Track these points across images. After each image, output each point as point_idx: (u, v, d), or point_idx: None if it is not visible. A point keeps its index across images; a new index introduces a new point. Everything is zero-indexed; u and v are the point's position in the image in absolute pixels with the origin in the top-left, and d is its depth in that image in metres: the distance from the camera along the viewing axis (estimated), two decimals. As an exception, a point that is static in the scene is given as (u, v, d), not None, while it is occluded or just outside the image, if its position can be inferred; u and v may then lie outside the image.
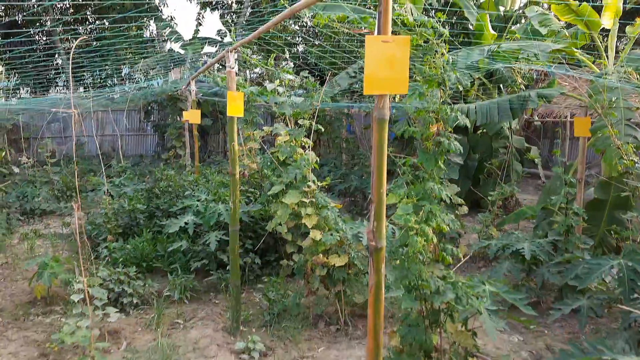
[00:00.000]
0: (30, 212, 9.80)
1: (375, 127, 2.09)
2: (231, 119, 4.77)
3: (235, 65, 4.65)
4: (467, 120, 3.30)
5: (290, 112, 5.86)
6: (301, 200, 4.84)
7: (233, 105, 4.66)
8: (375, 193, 2.15)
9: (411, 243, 2.98)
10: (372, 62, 2.01)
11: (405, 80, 2.05)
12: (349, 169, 11.61)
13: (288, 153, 5.23)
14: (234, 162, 4.78)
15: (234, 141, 4.76)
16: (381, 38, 2.01)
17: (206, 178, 8.36)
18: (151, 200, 7.80)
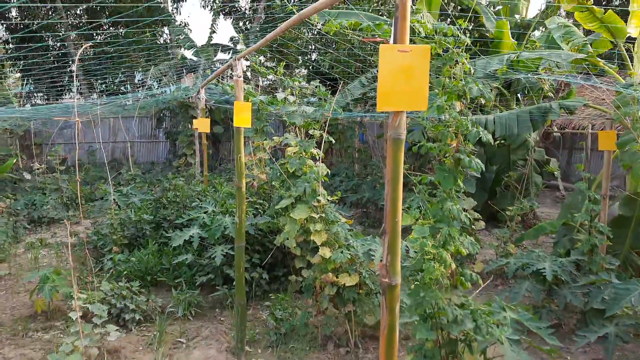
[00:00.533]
0: (38, 220, 9.68)
1: (390, 148, 1.86)
2: (238, 129, 4.56)
3: (242, 74, 4.45)
4: (489, 137, 3.05)
5: (300, 122, 5.64)
6: (310, 215, 4.61)
7: (240, 115, 4.46)
8: (390, 223, 1.91)
9: (427, 269, 2.74)
10: (387, 75, 1.78)
11: (424, 96, 1.81)
12: (361, 179, 11.37)
13: (297, 165, 5.01)
14: (240, 174, 4.56)
15: (240, 153, 4.55)
16: (397, 47, 1.77)
17: (214, 188, 8.16)
18: (158, 210, 7.61)
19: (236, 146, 4.58)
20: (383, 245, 1.96)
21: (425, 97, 1.81)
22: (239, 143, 4.56)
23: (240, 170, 4.55)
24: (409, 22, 1.77)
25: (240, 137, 4.57)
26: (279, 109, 6.49)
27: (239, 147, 4.55)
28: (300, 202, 4.78)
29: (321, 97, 6.41)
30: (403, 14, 1.76)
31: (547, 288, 5.18)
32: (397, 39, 1.79)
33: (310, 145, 5.06)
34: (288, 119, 5.76)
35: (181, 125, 14.99)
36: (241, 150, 4.56)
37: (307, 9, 2.51)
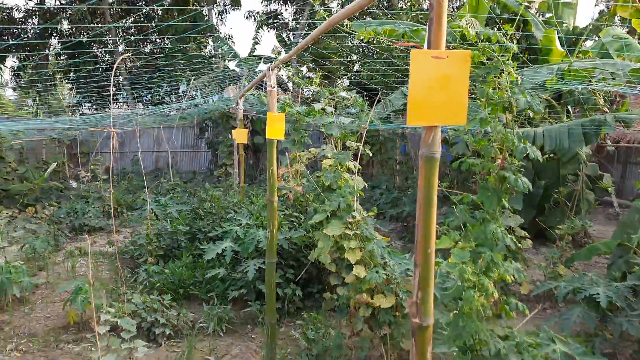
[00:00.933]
0: (79, 228, 9.81)
1: (422, 168, 1.62)
2: (270, 141, 4.40)
3: (275, 84, 4.29)
4: (538, 153, 2.77)
5: (337, 134, 5.44)
6: (344, 232, 4.39)
7: (273, 126, 4.30)
8: (421, 254, 1.67)
9: (467, 298, 2.48)
10: (419, 84, 1.55)
11: (463, 109, 1.58)
12: (402, 192, 11.07)
13: (332, 179, 4.81)
14: (272, 187, 4.40)
15: (272, 165, 4.39)
16: (432, 53, 1.54)
17: (250, 200, 8.05)
18: (194, 221, 7.55)
19: (268, 158, 4.42)
20: (414, 279, 1.72)
21: (464, 110, 1.58)
22: (271, 155, 4.40)
23: (272, 183, 4.39)
24: (445, 23, 1.53)
25: (273, 149, 4.41)
26: (315, 120, 6.33)
27: (271, 160, 4.39)
28: (334, 218, 4.57)
29: (361, 109, 6.22)
30: (439, 15, 1.53)
31: (601, 315, 4.78)
32: (431, 43, 1.55)
33: (346, 158, 4.85)
34: (325, 130, 5.58)
35: (222, 136, 15.06)
36: (273, 162, 4.40)
37: (337, 15, 2.33)
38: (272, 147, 4.41)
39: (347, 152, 4.85)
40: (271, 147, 4.42)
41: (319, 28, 2.67)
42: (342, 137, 5.12)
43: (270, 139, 4.38)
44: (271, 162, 4.40)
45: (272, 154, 4.41)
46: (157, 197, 11.77)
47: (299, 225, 6.52)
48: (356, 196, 4.61)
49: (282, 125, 4.36)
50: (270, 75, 4.29)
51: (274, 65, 4.26)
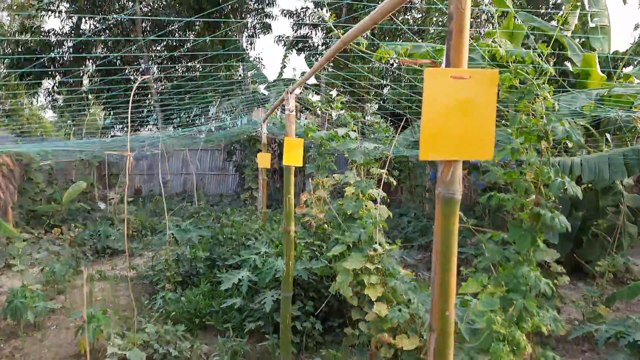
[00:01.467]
0: (102, 251, 9.74)
1: (439, 211, 1.35)
2: (287, 168, 4.18)
3: (294, 108, 4.09)
4: (577, 190, 2.47)
5: (361, 160, 5.20)
6: (365, 266, 4.11)
7: (291, 153, 4.08)
8: (437, 317, 1.39)
9: (495, 351, 2.17)
10: (434, 109, 1.28)
11: (489, 141, 1.30)
12: (430, 219, 10.70)
13: (353, 208, 4.55)
14: (289, 216, 4.16)
15: (289, 193, 4.16)
16: (450, 72, 1.29)
17: (272, 226, 7.82)
18: (214, 247, 7.35)
19: (285, 186, 4.20)
20: (428, 347, 1.44)
21: (490, 142, 1.30)
22: (288, 182, 4.18)
23: (288, 212, 4.16)
24: (467, 37, 1.27)
25: (290, 176, 4.19)
26: (339, 146, 6.12)
27: (288, 187, 4.17)
28: (354, 250, 4.30)
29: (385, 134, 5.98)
30: (459, 27, 1.26)
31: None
32: (450, 60, 1.30)
33: (368, 186, 4.59)
34: (349, 156, 5.35)
35: (248, 159, 14.99)
36: (290, 190, 4.17)
37: (350, 32, 2.11)
38: (289, 174, 4.19)
39: (369, 180, 4.59)
40: (288, 174, 4.20)
41: (333, 47, 2.46)
42: (365, 164, 4.87)
43: (287, 166, 4.17)
44: (288, 189, 4.17)
45: (289, 181, 4.19)
46: (180, 221, 11.68)
47: (321, 255, 6.26)
48: (379, 227, 4.34)
49: (301, 151, 4.15)
50: (289, 98, 4.10)
51: (292, 88, 4.07)
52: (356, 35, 2.07)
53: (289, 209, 4.12)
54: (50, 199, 11.88)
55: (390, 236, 9.70)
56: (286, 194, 4.15)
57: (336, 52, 2.47)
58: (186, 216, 12.37)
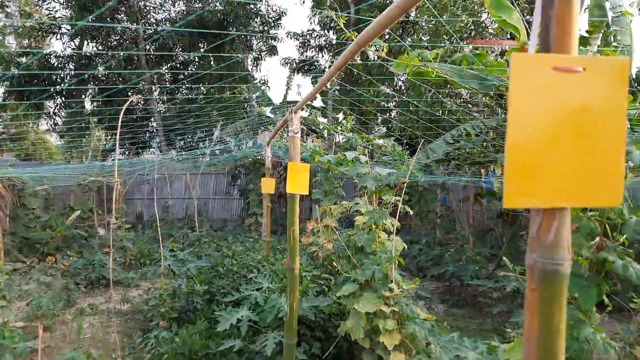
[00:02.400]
0: (97, 281, 9.22)
1: (535, 292, 0.83)
2: (292, 197, 3.69)
3: (298, 129, 3.62)
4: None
5: (372, 187, 4.70)
6: (380, 309, 3.59)
7: (295, 179, 3.59)
8: None
9: None
10: (524, 124, 0.79)
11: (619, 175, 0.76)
12: (443, 246, 10.15)
13: (365, 241, 4.04)
14: (293, 252, 3.66)
15: (293, 225, 3.66)
16: (553, 60, 0.80)
17: (276, 256, 7.30)
18: (214, 280, 6.83)
19: (289, 217, 3.70)
20: None
21: (619, 178, 0.78)
22: (292, 213, 3.68)
23: (292, 248, 3.65)
24: (578, 5, 0.77)
25: (294, 205, 3.69)
26: (348, 170, 5.64)
27: (292, 218, 3.67)
28: (367, 290, 3.78)
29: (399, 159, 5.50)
30: None
31: None
32: (550, 43, 0.81)
33: (382, 216, 4.09)
34: (359, 182, 4.86)
35: (252, 183, 14.52)
36: (294, 221, 3.67)
37: (369, 29, 1.65)
38: (294, 204, 3.69)
39: (383, 210, 4.09)
40: (292, 203, 3.70)
41: (346, 51, 1.99)
42: (378, 192, 4.37)
43: (291, 195, 3.68)
44: (292, 220, 3.67)
45: (293, 212, 3.69)
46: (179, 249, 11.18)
47: (328, 290, 5.73)
48: (395, 263, 3.82)
49: (307, 178, 3.65)
50: (293, 118, 3.62)
51: (296, 108, 3.60)
52: (377, 31, 1.61)
53: (293, 244, 3.62)
54: (46, 225, 11.41)
55: (402, 267, 9.12)
56: (290, 225, 3.65)
57: (350, 58, 2.01)
58: (187, 243, 11.87)
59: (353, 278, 3.90)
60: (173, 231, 14.11)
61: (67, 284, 8.35)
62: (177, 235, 12.86)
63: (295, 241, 3.64)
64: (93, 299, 8.35)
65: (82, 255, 10.63)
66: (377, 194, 4.77)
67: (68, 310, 7.65)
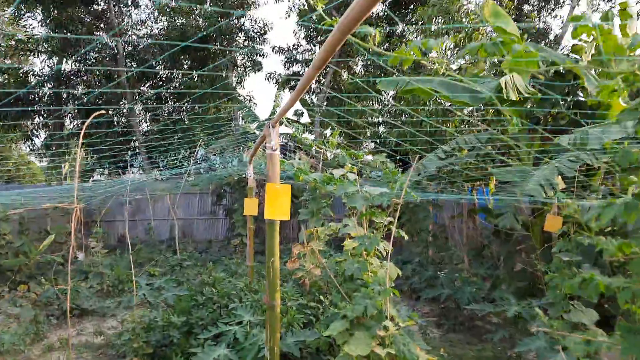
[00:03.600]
0: (70, 311, 8.61)
1: None
2: (271, 223, 3.23)
3: (277, 146, 3.17)
4: None
5: (362, 207, 4.26)
6: (374, 351, 3.12)
7: (275, 203, 3.14)
8: None
9: None
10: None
11: None
12: (436, 265, 9.70)
13: (356, 271, 3.58)
14: (273, 287, 3.18)
15: (273, 256, 3.19)
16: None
17: (260, 283, 6.78)
18: (193, 310, 6.31)
19: (268, 245, 3.23)
20: None
21: None
22: (272, 241, 3.22)
23: (272, 282, 3.17)
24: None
25: (274, 232, 3.23)
26: (336, 190, 5.20)
27: (272, 247, 3.20)
28: (359, 328, 3.31)
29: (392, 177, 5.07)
30: None
31: None
32: None
33: (374, 242, 3.64)
34: (347, 202, 4.41)
35: (237, 203, 14.03)
36: (274, 251, 3.20)
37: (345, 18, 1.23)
38: (273, 231, 3.23)
39: (375, 235, 3.63)
40: (272, 230, 3.24)
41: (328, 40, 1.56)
42: (369, 214, 3.92)
43: (270, 221, 3.21)
44: (271, 251, 3.20)
45: (273, 240, 3.23)
46: (160, 274, 10.65)
47: (316, 320, 5.25)
48: (389, 296, 3.37)
49: (288, 201, 3.20)
50: (271, 133, 3.18)
51: (274, 121, 3.16)
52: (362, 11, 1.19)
53: (272, 277, 3.14)
54: (19, 251, 10.80)
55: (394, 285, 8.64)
56: (269, 256, 3.18)
57: (331, 52, 1.59)
58: (168, 267, 11.30)
59: (343, 314, 3.43)
60: (155, 254, 13.52)
61: (37, 315, 7.75)
62: (159, 258, 12.28)
63: (276, 274, 3.17)
64: (65, 331, 7.76)
65: (57, 282, 10.03)
66: (368, 216, 4.33)
67: (36, 345, 7.07)
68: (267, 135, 3.23)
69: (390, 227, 3.78)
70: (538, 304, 5.78)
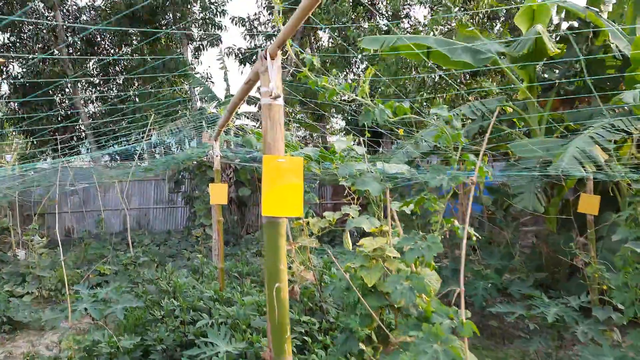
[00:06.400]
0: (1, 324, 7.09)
1: None
2: (272, 223, 1.90)
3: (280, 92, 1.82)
4: None
5: (378, 191, 2.98)
6: None
7: (278, 188, 1.80)
8: None
9: None
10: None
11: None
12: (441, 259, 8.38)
13: (405, 294, 2.29)
14: (279, 333, 1.87)
15: (278, 279, 1.88)
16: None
17: (233, 290, 5.40)
18: (149, 327, 4.92)
19: (268, 264, 1.90)
20: None
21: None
22: (275, 255, 1.89)
23: (279, 325, 1.85)
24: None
25: (278, 240, 1.90)
26: (334, 169, 3.92)
27: (275, 266, 1.87)
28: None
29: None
30: None
31: None
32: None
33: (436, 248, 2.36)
34: (355, 185, 3.10)
35: (198, 190, 12.53)
36: (279, 273, 1.87)
37: None
38: (275, 237, 1.90)
39: (434, 238, 2.33)
40: (273, 235, 1.90)
41: None
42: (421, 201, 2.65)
43: (270, 219, 1.88)
44: (274, 270, 1.87)
45: (276, 251, 1.90)
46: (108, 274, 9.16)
47: (312, 341, 3.99)
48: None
49: (300, 187, 1.87)
50: (269, 68, 1.83)
51: (273, 46, 1.81)
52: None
53: (279, 318, 1.82)
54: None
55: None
56: (270, 280, 1.86)
57: None
58: (121, 265, 9.77)
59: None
60: (106, 249, 11.91)
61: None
62: (109, 255, 10.72)
63: (283, 311, 1.85)
64: (-11, 353, 6.25)
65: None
66: (416, 204, 3.05)
67: (-53, 377, 5.56)
68: (260, 73, 1.89)
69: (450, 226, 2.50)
70: (579, 304, 4.66)
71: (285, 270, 1.87)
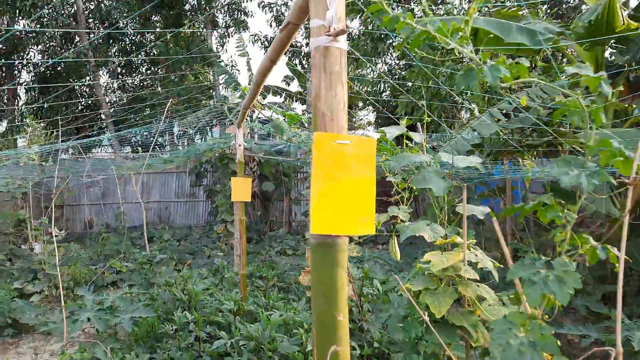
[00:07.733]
0: (6, 326, 6.52)
1: None
2: (326, 246, 1.14)
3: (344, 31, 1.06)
4: None
5: (442, 190, 2.24)
6: None
7: (332, 187, 1.05)
8: None
9: None
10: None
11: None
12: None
13: (526, 351, 1.51)
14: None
15: (335, 342, 1.12)
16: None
17: (258, 301, 4.67)
18: (160, 342, 4.26)
19: (318, 312, 1.15)
20: None
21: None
22: (332, 296, 1.14)
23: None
24: None
25: (338, 274, 1.15)
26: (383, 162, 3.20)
27: (329, 319, 1.13)
28: None
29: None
30: None
31: None
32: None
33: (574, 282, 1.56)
34: (414, 182, 2.34)
35: (220, 184, 11.85)
36: (338, 330, 1.13)
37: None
38: (334, 269, 1.15)
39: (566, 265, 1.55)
40: (328, 264, 1.16)
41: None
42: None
43: (323, 241, 1.13)
44: (329, 324, 1.13)
45: (335, 291, 1.15)
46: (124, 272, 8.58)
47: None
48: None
49: (372, 187, 1.11)
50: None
51: None
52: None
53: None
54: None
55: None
56: (323, 339, 1.12)
57: None
58: (137, 263, 9.16)
59: None
60: (123, 245, 11.32)
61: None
62: (125, 251, 10.14)
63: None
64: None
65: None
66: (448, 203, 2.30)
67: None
68: (312, 4, 1.15)
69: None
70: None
71: (347, 324, 1.14)
